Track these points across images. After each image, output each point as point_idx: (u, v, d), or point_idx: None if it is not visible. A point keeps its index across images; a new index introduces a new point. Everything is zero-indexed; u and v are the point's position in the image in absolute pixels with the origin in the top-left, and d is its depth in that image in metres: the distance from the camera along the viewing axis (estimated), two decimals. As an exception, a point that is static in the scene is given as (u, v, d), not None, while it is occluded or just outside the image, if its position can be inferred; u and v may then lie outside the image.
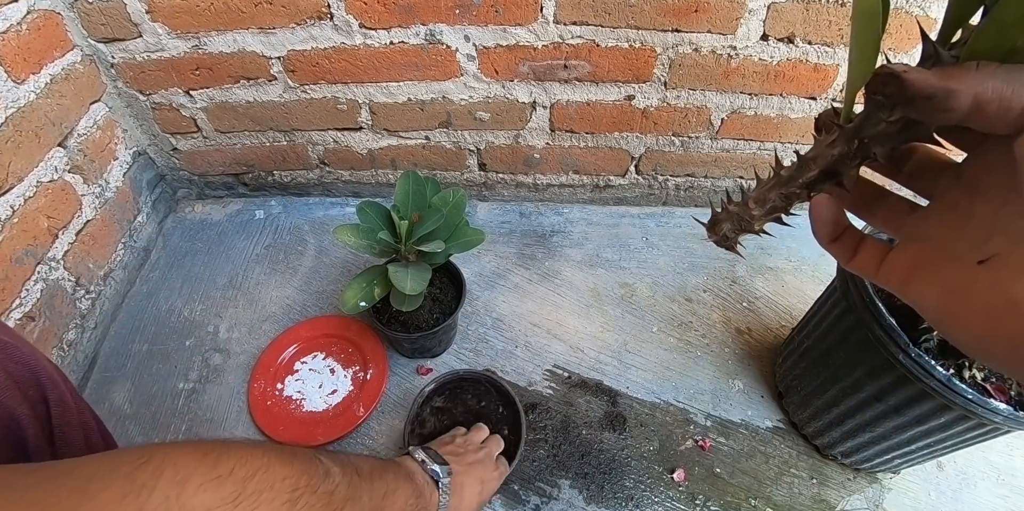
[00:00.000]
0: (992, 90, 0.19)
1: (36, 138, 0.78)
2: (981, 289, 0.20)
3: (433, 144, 1.03)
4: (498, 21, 0.83)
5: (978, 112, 0.19)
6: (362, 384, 0.84)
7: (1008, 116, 0.19)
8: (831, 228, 0.27)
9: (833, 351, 0.68)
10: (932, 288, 0.22)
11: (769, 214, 0.29)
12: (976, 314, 0.20)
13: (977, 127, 0.20)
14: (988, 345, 0.20)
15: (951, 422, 0.59)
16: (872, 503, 0.75)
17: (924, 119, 0.21)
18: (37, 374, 0.42)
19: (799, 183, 0.26)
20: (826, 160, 0.25)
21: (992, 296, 0.20)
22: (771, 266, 1.03)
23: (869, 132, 0.23)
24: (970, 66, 0.19)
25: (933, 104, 0.19)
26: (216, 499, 0.28)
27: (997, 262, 0.20)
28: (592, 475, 0.76)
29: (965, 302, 0.21)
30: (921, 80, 0.19)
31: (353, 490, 0.39)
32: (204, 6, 0.82)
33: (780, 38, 0.85)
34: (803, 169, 0.26)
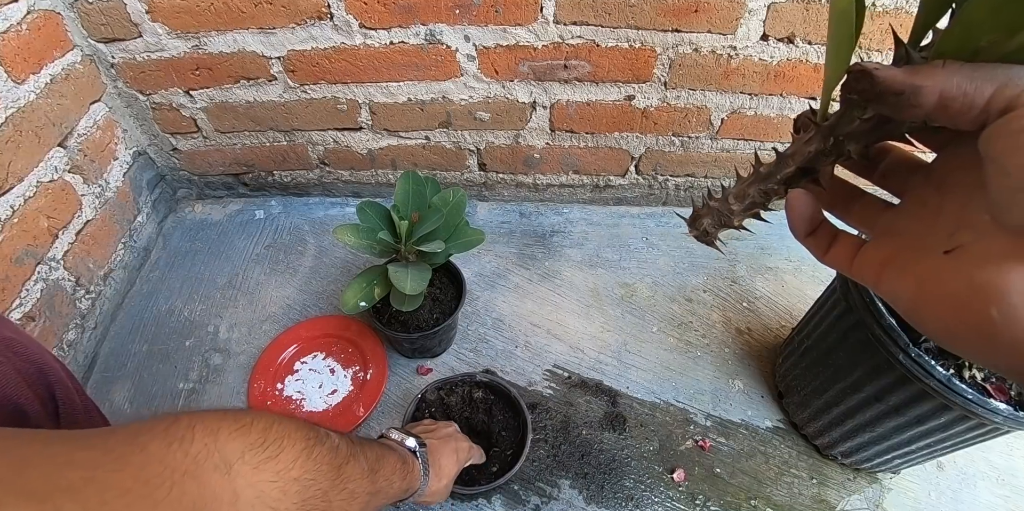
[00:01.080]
0: (956, 86, 0.20)
1: (36, 138, 0.78)
2: (947, 278, 0.21)
3: (433, 144, 1.03)
4: (498, 21, 0.83)
5: (943, 108, 0.20)
6: (362, 384, 0.84)
7: (971, 112, 0.20)
8: (807, 223, 0.28)
9: (833, 351, 0.68)
10: (904, 280, 0.23)
11: (748, 209, 0.30)
12: (943, 301, 0.21)
13: (943, 123, 0.21)
14: (954, 331, 0.21)
15: (951, 422, 0.59)
16: (872, 503, 0.75)
17: (894, 115, 0.22)
18: (45, 372, 0.43)
19: (777, 179, 0.28)
20: (803, 157, 0.26)
21: (956, 283, 0.20)
22: (771, 266, 1.03)
23: (844, 130, 0.24)
24: (936, 64, 0.20)
25: (902, 100, 0.21)
26: (246, 444, 0.32)
27: (961, 252, 0.21)
28: (592, 475, 0.76)
29: (933, 291, 0.21)
30: (890, 77, 0.20)
31: (352, 449, 0.42)
32: (204, 6, 0.82)
33: (780, 38, 0.85)
34: (781, 165, 0.27)
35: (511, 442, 0.73)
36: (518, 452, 0.71)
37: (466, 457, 0.65)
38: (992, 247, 0.20)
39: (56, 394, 0.43)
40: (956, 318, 0.20)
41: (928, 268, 0.22)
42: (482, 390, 0.78)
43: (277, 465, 0.33)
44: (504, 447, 0.73)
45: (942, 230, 0.23)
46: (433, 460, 0.58)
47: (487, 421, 0.75)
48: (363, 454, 0.44)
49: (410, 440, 0.56)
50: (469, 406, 0.77)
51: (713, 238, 0.32)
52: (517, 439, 0.73)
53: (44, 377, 0.43)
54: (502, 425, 0.75)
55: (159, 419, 0.31)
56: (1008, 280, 0.19)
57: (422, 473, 0.55)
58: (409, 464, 0.53)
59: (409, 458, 0.54)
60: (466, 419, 0.76)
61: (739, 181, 0.30)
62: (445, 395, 0.77)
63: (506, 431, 0.74)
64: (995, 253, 0.20)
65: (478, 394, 0.78)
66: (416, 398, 0.75)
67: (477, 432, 0.75)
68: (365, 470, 0.43)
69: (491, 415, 0.76)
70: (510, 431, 0.74)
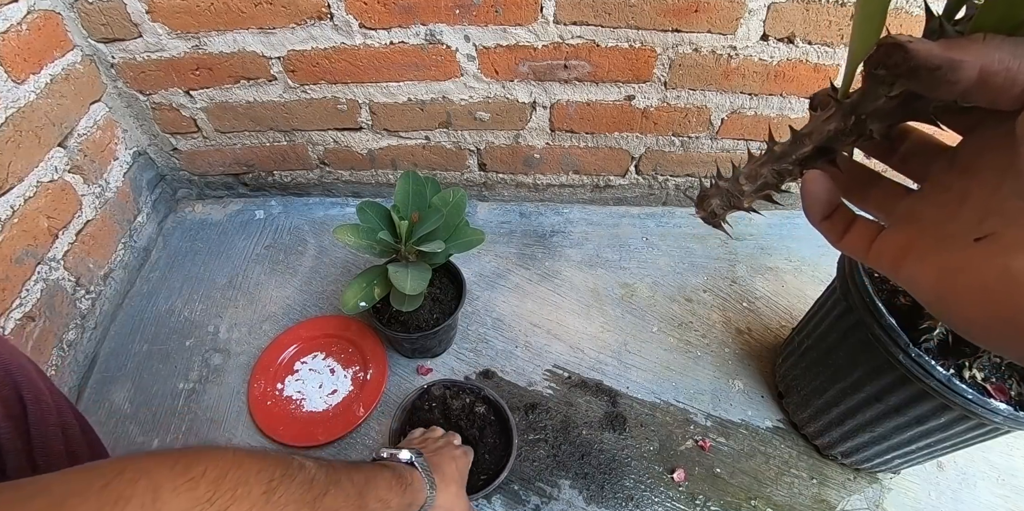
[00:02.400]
0: (999, 61, 0.18)
1: (36, 138, 0.78)
2: (976, 266, 0.20)
3: (433, 144, 1.03)
4: (498, 21, 0.83)
5: (983, 85, 0.19)
6: (362, 384, 0.84)
7: (1013, 90, 0.19)
8: (823, 206, 0.26)
9: (833, 351, 0.68)
10: (925, 269, 0.22)
11: (760, 191, 0.28)
12: (972, 292, 0.20)
13: (981, 101, 0.20)
14: (984, 323, 0.20)
15: (951, 422, 0.59)
16: (872, 503, 0.75)
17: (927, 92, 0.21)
18: (12, 373, 0.42)
19: (792, 159, 0.26)
20: (821, 136, 0.25)
21: (988, 272, 0.19)
22: (771, 266, 1.03)
23: (867, 108, 0.23)
24: (977, 38, 0.19)
25: (938, 76, 0.19)
26: (191, 500, 0.29)
27: (993, 240, 0.20)
28: (592, 475, 0.76)
29: (960, 281, 0.20)
30: (926, 50, 0.19)
31: (333, 475, 0.40)
32: (204, 6, 0.82)
33: (780, 38, 0.85)
34: (797, 145, 0.26)
35: (489, 468, 0.71)
36: (490, 480, 0.69)
37: (465, 462, 0.64)
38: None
39: (23, 395, 0.42)
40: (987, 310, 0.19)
41: (954, 257, 0.21)
42: (485, 407, 0.76)
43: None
44: (479, 471, 0.71)
45: (969, 217, 0.21)
46: (435, 467, 0.57)
47: (476, 439, 0.74)
48: (348, 479, 0.42)
49: (403, 453, 0.55)
50: (467, 417, 0.76)
51: (721, 220, 0.31)
52: (495, 468, 0.71)
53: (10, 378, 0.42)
54: (488, 448, 0.73)
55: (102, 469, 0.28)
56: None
57: (426, 483, 0.53)
58: (407, 477, 0.51)
59: (406, 471, 0.52)
60: (459, 428, 0.74)
61: (751, 160, 0.28)
62: (450, 397, 0.77)
63: (489, 455, 0.73)
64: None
65: (480, 409, 0.76)
66: (421, 389, 0.75)
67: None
68: (351, 495, 0.41)
69: (483, 434, 0.74)
70: (493, 456, 0.73)
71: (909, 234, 0.24)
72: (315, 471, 0.39)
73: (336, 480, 0.40)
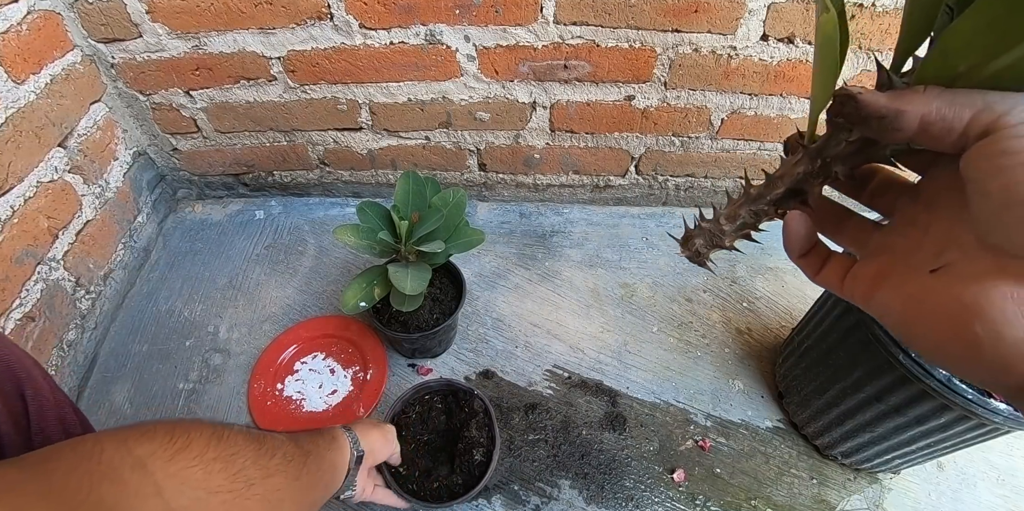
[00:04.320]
0: (936, 111, 0.20)
1: (36, 138, 0.78)
2: (934, 295, 0.22)
3: (433, 144, 1.03)
4: (498, 21, 0.83)
5: (924, 132, 0.21)
6: (362, 384, 0.84)
7: (951, 136, 0.21)
8: (801, 244, 0.29)
9: (833, 351, 0.68)
10: (893, 297, 0.24)
11: (739, 230, 0.31)
12: (933, 319, 0.22)
13: (926, 146, 0.22)
14: (942, 347, 0.22)
15: (951, 422, 0.59)
16: (872, 503, 0.75)
17: (878, 138, 0.23)
18: (13, 369, 0.43)
19: (767, 200, 0.28)
20: (792, 179, 0.27)
21: (943, 301, 0.21)
22: (771, 266, 1.03)
23: (830, 152, 0.25)
24: (918, 89, 0.21)
25: (885, 124, 0.21)
26: (154, 444, 0.34)
27: (947, 270, 0.22)
28: (592, 475, 0.76)
29: (923, 308, 0.22)
30: (874, 101, 0.21)
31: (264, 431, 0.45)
32: (204, 6, 0.82)
33: (780, 38, 0.85)
34: (770, 187, 0.28)
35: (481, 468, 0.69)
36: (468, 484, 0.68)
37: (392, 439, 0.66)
38: (976, 266, 0.21)
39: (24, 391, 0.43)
40: (943, 334, 0.21)
41: (917, 286, 0.23)
42: (483, 416, 0.72)
43: (191, 452, 0.35)
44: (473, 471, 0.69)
45: (930, 248, 0.23)
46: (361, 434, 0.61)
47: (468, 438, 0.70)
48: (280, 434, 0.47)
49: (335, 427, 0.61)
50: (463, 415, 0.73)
51: (705, 258, 0.33)
52: (473, 475, 0.69)
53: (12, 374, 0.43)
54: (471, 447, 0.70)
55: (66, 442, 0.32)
56: (991, 298, 0.20)
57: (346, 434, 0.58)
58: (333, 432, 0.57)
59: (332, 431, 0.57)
60: (454, 424, 0.74)
61: (730, 203, 0.31)
62: (450, 394, 0.77)
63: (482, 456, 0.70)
64: (979, 272, 0.20)
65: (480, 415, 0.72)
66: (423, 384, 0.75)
67: (448, 441, 0.73)
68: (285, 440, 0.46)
69: (475, 438, 0.70)
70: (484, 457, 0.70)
71: (879, 265, 0.26)
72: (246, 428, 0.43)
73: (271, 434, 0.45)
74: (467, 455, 0.69)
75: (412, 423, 0.75)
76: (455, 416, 0.75)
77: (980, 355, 0.20)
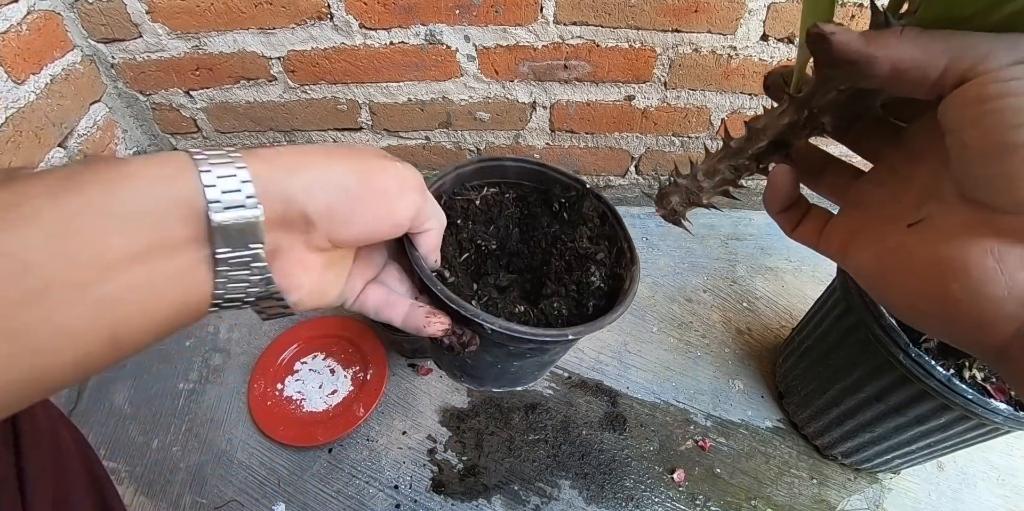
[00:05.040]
0: (910, 58, 0.19)
1: (36, 138, 0.78)
2: (911, 250, 0.21)
3: (433, 144, 1.03)
4: (498, 21, 0.83)
5: (897, 78, 0.19)
6: (362, 384, 0.84)
7: (926, 83, 0.19)
8: (784, 199, 0.27)
9: (833, 351, 0.68)
10: (869, 252, 0.23)
11: (718, 187, 0.29)
12: (909, 275, 0.21)
13: (902, 93, 0.20)
14: (917, 305, 0.21)
15: (951, 422, 0.59)
16: (872, 503, 0.75)
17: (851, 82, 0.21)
18: None
19: (748, 154, 0.27)
20: (776, 130, 0.25)
21: (921, 256, 0.20)
22: (771, 266, 1.03)
23: (819, 101, 0.23)
24: (893, 32, 0.20)
25: (856, 69, 0.20)
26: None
27: (926, 224, 0.21)
28: (592, 475, 0.76)
29: (899, 264, 0.21)
30: (847, 43, 0.20)
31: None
32: (204, 6, 0.82)
33: (780, 38, 0.85)
34: (752, 140, 0.26)
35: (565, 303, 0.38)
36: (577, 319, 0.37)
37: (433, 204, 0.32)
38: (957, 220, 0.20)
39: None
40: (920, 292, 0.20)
41: (893, 240, 0.22)
42: (603, 221, 0.43)
43: None
44: (550, 305, 0.37)
45: (910, 201, 0.22)
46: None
47: (573, 252, 0.41)
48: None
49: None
50: (563, 221, 0.43)
51: (681, 217, 0.31)
52: (582, 307, 0.38)
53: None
54: (582, 264, 0.40)
55: None
56: (970, 254, 0.18)
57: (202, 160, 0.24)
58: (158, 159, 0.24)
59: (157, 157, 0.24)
60: (543, 234, 0.43)
61: (708, 157, 0.29)
62: (535, 193, 0.44)
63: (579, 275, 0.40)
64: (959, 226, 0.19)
65: (594, 220, 0.43)
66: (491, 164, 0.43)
67: (531, 261, 0.43)
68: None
69: (589, 251, 0.41)
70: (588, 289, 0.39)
71: (856, 219, 0.24)
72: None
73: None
74: (569, 277, 0.40)
75: (470, 215, 0.42)
76: (543, 221, 0.43)
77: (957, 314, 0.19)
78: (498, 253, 0.42)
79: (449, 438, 0.79)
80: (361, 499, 0.73)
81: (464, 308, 0.31)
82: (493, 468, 0.76)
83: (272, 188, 0.24)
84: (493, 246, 0.41)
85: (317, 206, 0.25)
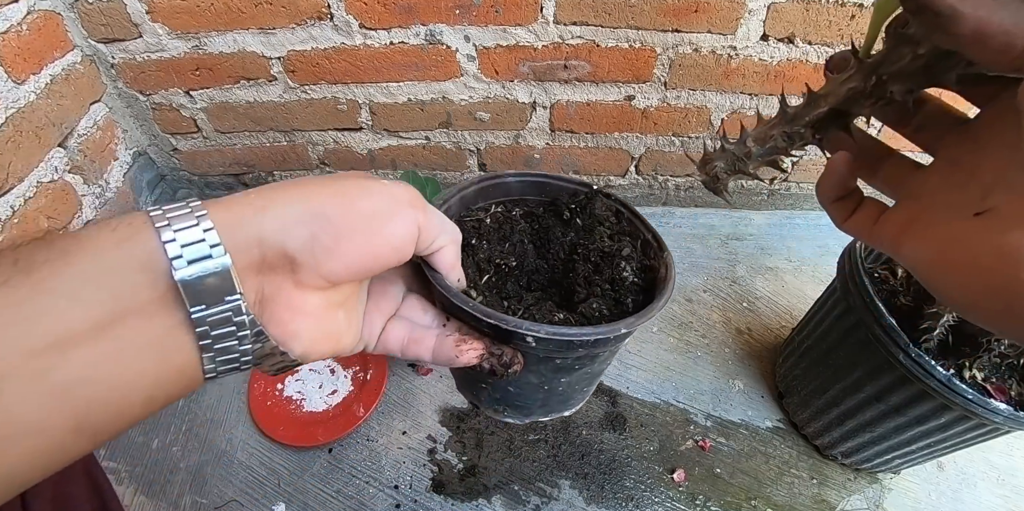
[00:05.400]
0: (998, 22, 0.17)
1: (36, 138, 0.78)
2: (973, 240, 0.20)
3: (433, 144, 1.03)
4: (498, 21, 0.83)
5: (980, 42, 0.18)
6: (362, 384, 0.84)
7: (1010, 53, 0.18)
8: (839, 187, 0.26)
9: (833, 351, 0.68)
10: (927, 242, 0.22)
11: (768, 155, 0.27)
12: (967, 265, 0.20)
13: (979, 59, 0.19)
14: (975, 298, 0.20)
15: (951, 422, 0.59)
16: (872, 503, 0.75)
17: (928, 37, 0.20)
18: None
19: (805, 121, 0.25)
20: (838, 97, 0.24)
21: (983, 246, 0.19)
22: (771, 266, 1.03)
23: (890, 68, 0.22)
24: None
25: (939, 22, 0.18)
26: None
27: (993, 214, 0.20)
28: (592, 475, 0.76)
29: (960, 255, 0.20)
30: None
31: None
32: (204, 6, 0.82)
33: (780, 38, 0.85)
34: (812, 106, 0.25)
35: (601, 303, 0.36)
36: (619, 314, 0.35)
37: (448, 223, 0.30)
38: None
39: None
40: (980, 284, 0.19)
41: (954, 230, 0.21)
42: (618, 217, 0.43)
43: None
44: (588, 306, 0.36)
45: (974, 191, 0.21)
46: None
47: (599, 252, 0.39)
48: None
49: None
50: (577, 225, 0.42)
51: (723, 186, 0.29)
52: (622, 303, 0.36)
53: None
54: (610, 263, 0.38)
55: None
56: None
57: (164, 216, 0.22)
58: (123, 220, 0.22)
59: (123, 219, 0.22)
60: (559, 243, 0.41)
61: (760, 122, 0.27)
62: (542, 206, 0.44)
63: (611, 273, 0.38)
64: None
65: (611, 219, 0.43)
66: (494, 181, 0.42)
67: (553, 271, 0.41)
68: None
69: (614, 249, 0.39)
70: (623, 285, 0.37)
71: (913, 210, 0.23)
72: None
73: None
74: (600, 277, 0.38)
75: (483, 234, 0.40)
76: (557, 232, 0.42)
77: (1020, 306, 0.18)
78: (517, 272, 0.40)
79: (449, 438, 0.79)
80: (361, 499, 0.73)
81: (504, 320, 0.29)
82: (493, 468, 0.76)
83: (240, 232, 0.22)
84: (513, 263, 0.39)
85: (296, 241, 0.23)
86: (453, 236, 0.29)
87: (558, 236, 0.41)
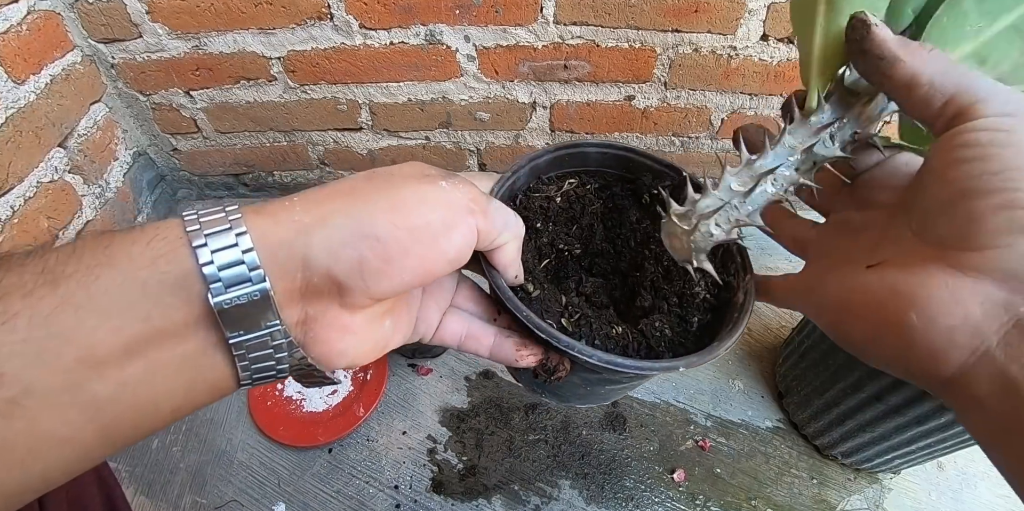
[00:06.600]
0: (929, 76, 0.21)
1: (36, 138, 0.78)
2: (873, 287, 0.22)
3: (433, 144, 1.03)
4: (498, 21, 0.83)
5: (908, 91, 0.21)
6: (362, 384, 0.84)
7: (930, 107, 0.21)
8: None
9: (833, 351, 0.68)
10: (829, 294, 0.25)
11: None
12: (868, 310, 0.22)
13: (902, 104, 0.22)
14: (877, 339, 0.22)
15: (951, 422, 0.59)
16: (872, 503, 0.75)
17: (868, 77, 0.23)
18: None
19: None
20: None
21: (882, 292, 0.22)
22: (771, 266, 1.03)
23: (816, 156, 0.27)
24: (924, 46, 0.21)
25: (879, 65, 0.21)
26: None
27: (885, 265, 0.22)
28: (592, 475, 0.76)
29: (859, 301, 0.23)
30: (882, 39, 0.21)
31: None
32: (204, 6, 0.82)
33: (780, 38, 0.85)
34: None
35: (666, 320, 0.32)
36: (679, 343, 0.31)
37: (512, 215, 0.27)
38: (913, 259, 0.21)
39: None
40: (878, 325, 0.21)
41: (853, 281, 0.23)
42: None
43: None
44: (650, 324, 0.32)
45: (865, 245, 0.24)
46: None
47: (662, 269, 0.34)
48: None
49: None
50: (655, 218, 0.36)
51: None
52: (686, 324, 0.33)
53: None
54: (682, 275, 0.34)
55: None
56: (926, 286, 0.20)
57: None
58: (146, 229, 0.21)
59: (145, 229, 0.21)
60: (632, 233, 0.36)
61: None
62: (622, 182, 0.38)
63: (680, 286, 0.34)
64: (916, 263, 0.21)
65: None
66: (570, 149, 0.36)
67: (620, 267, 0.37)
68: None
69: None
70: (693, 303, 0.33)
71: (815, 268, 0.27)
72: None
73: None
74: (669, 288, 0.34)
75: (550, 215, 0.36)
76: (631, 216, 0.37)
77: (912, 344, 0.20)
78: (580, 255, 0.36)
79: (449, 438, 0.79)
80: (361, 499, 0.73)
81: (557, 339, 0.27)
82: (493, 468, 0.76)
83: (284, 254, 0.20)
84: (577, 251, 0.36)
85: (343, 265, 0.21)
86: (516, 231, 0.27)
87: (631, 220, 0.36)
